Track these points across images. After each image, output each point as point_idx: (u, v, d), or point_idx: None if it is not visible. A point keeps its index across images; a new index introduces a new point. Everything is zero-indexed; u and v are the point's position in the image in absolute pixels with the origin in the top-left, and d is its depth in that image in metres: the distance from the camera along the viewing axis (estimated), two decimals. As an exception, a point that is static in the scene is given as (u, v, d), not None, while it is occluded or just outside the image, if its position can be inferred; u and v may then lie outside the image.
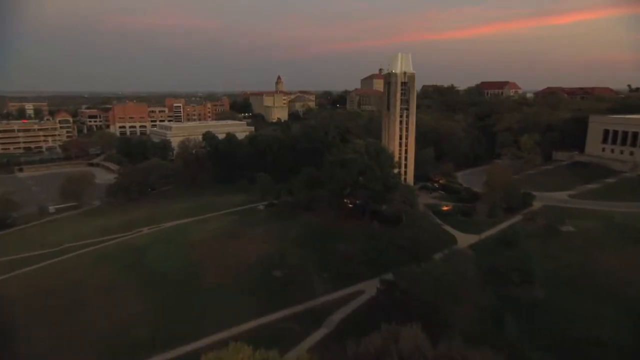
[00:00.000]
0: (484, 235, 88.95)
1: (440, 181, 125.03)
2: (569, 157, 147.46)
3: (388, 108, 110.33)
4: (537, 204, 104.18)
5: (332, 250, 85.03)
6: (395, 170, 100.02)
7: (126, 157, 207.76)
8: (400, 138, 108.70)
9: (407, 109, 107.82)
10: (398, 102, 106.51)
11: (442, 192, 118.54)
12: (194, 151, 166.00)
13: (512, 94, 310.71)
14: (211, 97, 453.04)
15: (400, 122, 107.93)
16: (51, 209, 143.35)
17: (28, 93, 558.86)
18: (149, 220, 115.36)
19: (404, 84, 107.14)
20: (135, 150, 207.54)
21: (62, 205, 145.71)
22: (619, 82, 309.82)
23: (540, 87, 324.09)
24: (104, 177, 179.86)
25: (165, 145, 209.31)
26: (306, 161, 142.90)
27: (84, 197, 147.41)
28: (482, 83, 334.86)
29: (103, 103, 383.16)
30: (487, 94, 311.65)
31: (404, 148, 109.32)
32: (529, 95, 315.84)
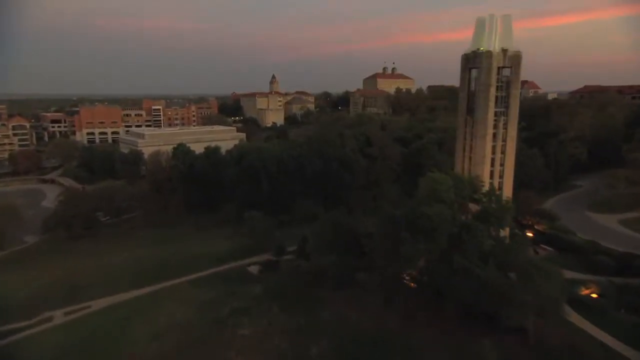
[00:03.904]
0: None
1: (537, 226, 79.05)
2: None
3: (469, 112, 64.14)
4: None
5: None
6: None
7: (88, 171, 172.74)
8: (492, 163, 62.78)
9: (506, 115, 61.81)
10: (492, 103, 60.29)
11: (547, 247, 72.79)
12: (167, 167, 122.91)
13: (531, 94, 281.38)
14: (202, 100, 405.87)
15: (494, 135, 62.15)
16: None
17: (21, 96, 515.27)
18: (74, 290, 74.06)
19: (500, 69, 61.84)
20: (99, 164, 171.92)
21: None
22: (621, 82, 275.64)
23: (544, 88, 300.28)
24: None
25: (136, 158, 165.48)
26: (316, 186, 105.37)
27: (7, 235, 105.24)
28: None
29: (71, 106, 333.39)
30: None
31: (497, 179, 63.65)
32: (550, 95, 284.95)
